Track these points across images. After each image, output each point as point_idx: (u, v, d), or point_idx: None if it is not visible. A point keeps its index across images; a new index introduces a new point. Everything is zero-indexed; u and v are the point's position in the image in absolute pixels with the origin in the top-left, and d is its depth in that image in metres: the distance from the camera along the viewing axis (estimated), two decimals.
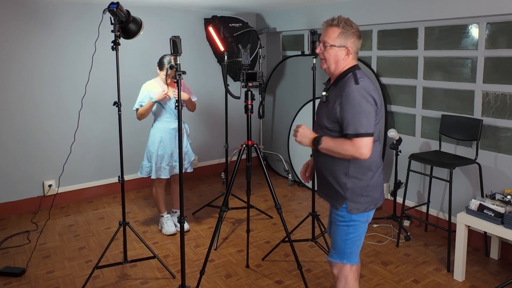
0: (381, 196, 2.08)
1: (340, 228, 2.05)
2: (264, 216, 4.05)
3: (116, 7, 2.61)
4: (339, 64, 1.99)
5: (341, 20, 1.97)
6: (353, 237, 2.04)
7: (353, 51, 1.99)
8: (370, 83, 1.94)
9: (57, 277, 3.01)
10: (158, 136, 3.47)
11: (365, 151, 1.88)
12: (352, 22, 1.98)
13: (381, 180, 2.06)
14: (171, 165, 3.51)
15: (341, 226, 2.05)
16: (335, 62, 1.99)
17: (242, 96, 2.85)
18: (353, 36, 1.96)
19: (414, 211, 3.88)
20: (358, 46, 2.01)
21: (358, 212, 2.00)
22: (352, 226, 2.02)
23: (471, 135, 3.29)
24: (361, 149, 1.87)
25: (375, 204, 2.04)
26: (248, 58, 2.93)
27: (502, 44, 3.15)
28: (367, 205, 2.01)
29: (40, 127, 4.20)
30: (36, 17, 4.06)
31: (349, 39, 1.96)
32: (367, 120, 1.87)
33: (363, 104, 1.86)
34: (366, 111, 1.87)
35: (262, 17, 5.44)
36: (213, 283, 2.93)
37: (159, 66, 3.43)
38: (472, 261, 3.19)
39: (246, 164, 2.92)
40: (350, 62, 2.00)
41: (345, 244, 2.05)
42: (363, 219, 2.03)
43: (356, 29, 1.97)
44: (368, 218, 2.06)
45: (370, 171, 1.99)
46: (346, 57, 1.97)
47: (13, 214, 4.14)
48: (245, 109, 2.81)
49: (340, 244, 2.06)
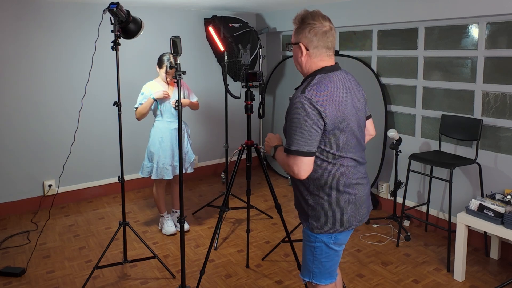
0: (352, 218, 1.78)
1: (306, 247, 1.87)
2: (264, 216, 4.05)
3: (116, 7, 2.61)
4: (300, 62, 1.78)
5: (299, 15, 1.75)
6: (321, 259, 1.83)
7: (311, 47, 1.72)
8: (326, 93, 1.65)
9: (57, 277, 3.01)
10: (159, 136, 3.47)
11: (296, 171, 1.66)
12: (314, 15, 1.72)
13: (352, 200, 1.77)
14: (173, 165, 3.51)
15: (307, 245, 1.86)
16: (297, 62, 1.80)
17: (242, 96, 2.85)
18: (305, 30, 1.71)
19: (414, 211, 3.89)
20: (317, 41, 1.71)
21: (321, 232, 1.78)
22: (318, 248, 1.81)
23: (471, 135, 3.29)
24: (292, 167, 1.66)
25: (343, 226, 1.77)
26: (248, 58, 2.94)
27: (502, 44, 3.15)
28: (332, 226, 1.77)
29: (40, 127, 4.20)
30: (36, 17, 4.06)
31: (302, 34, 1.72)
32: (302, 136, 1.62)
33: (302, 118, 1.61)
34: (302, 126, 1.61)
35: (262, 17, 5.44)
36: (213, 283, 2.93)
37: (159, 64, 3.42)
38: (472, 261, 3.19)
39: (246, 164, 2.92)
40: (315, 63, 1.75)
41: (313, 264, 1.85)
42: (329, 241, 1.80)
43: (315, 22, 1.70)
44: (337, 240, 1.81)
45: (331, 189, 1.74)
46: (303, 55, 1.74)
47: (13, 214, 4.14)
48: (245, 109, 2.81)
49: (308, 263, 1.87)
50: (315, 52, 1.73)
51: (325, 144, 1.69)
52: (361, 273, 3.03)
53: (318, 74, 1.73)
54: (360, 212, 1.81)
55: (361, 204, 1.81)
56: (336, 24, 4.53)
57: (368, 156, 4.11)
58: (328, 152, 1.71)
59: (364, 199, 1.82)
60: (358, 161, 1.80)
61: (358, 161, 1.79)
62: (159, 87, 3.42)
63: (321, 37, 1.71)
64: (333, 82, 1.70)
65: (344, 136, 1.70)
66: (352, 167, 1.76)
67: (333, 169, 1.73)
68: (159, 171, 3.47)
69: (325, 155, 1.71)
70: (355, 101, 1.77)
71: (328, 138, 1.68)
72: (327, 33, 1.72)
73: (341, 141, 1.70)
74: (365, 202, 1.84)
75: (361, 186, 1.80)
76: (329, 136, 1.68)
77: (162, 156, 3.46)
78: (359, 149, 1.80)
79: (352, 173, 1.76)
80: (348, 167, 1.75)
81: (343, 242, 1.84)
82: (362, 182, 1.81)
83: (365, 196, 1.83)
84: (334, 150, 1.71)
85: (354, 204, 1.78)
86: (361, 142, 1.82)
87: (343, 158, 1.73)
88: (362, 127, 1.83)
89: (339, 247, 1.85)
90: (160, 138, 3.47)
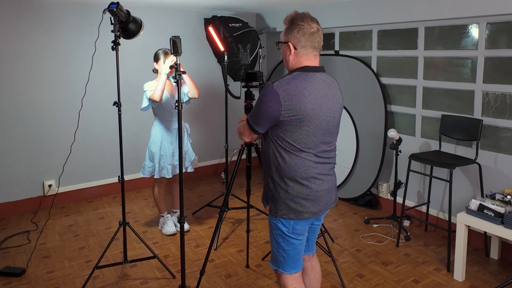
0: (305, 209, 1.89)
1: (271, 234, 2.01)
2: (264, 216, 4.05)
3: (116, 7, 2.61)
4: (287, 60, 1.90)
5: (289, 16, 1.87)
6: (284, 246, 1.95)
7: (299, 47, 1.83)
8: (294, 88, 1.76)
9: (57, 277, 3.01)
10: (159, 136, 3.47)
11: (241, 131, 1.99)
12: (303, 17, 1.84)
13: (307, 193, 1.87)
14: (173, 165, 3.51)
15: (271, 232, 2.00)
16: (284, 59, 1.92)
17: (242, 96, 2.85)
18: (294, 30, 1.83)
19: (414, 211, 3.89)
20: (304, 41, 1.82)
21: (277, 216, 1.92)
22: (280, 235, 1.95)
23: (471, 135, 3.29)
24: (240, 128, 2.00)
25: (296, 215, 1.89)
26: (248, 58, 2.94)
27: (502, 44, 3.15)
28: (285, 212, 1.90)
29: (40, 127, 4.20)
30: (36, 17, 4.06)
31: (290, 34, 1.84)
32: (254, 115, 1.86)
33: (262, 102, 1.80)
34: (259, 109, 1.82)
35: (262, 17, 5.44)
36: (213, 283, 2.93)
37: (155, 60, 3.42)
38: (472, 261, 3.19)
39: (246, 164, 2.92)
40: (300, 61, 1.86)
41: (277, 252, 1.99)
42: (288, 230, 1.92)
43: (303, 23, 1.82)
44: (295, 230, 1.92)
45: (288, 179, 1.86)
46: (291, 54, 1.86)
47: (13, 214, 4.14)
48: (245, 109, 2.81)
49: (273, 251, 2.02)
50: (302, 51, 1.85)
51: (286, 135, 1.82)
52: (361, 273, 3.03)
53: (296, 71, 1.84)
54: (315, 205, 1.91)
55: (318, 198, 1.91)
56: (336, 24, 4.55)
57: (368, 156, 4.15)
58: (289, 143, 1.83)
59: (321, 194, 1.91)
60: (321, 157, 1.89)
61: (320, 157, 1.89)
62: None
63: (309, 38, 1.83)
64: (307, 81, 1.80)
65: (306, 132, 1.81)
66: (312, 162, 1.86)
67: (293, 161, 1.84)
68: (160, 170, 3.47)
69: (287, 146, 1.83)
70: (329, 103, 1.86)
71: (288, 129, 1.80)
72: (314, 34, 1.84)
73: (302, 136, 1.81)
74: (323, 197, 1.93)
75: (320, 182, 1.90)
76: (288, 127, 1.80)
77: (163, 155, 3.47)
78: (325, 148, 1.90)
79: (311, 167, 1.86)
80: (308, 161, 1.85)
81: (302, 232, 1.96)
82: (322, 178, 1.91)
83: (324, 191, 1.92)
84: (295, 143, 1.82)
85: (309, 196, 1.88)
86: (329, 142, 1.92)
87: (303, 151, 1.84)
88: (333, 129, 1.92)
89: (299, 236, 1.95)
90: (160, 137, 3.47)
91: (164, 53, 3.37)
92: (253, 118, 1.87)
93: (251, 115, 1.89)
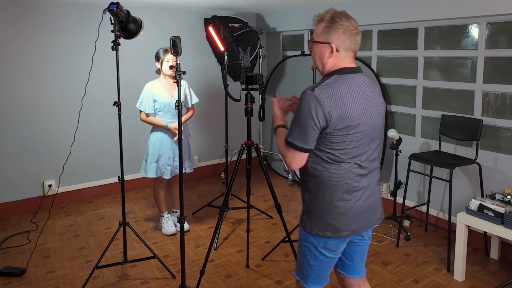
0: (344, 226, 1.70)
1: (299, 245, 1.84)
2: (264, 216, 4.05)
3: (116, 7, 2.61)
4: (324, 62, 1.71)
5: (329, 13, 1.69)
6: (310, 260, 1.79)
7: (341, 49, 1.68)
8: (336, 94, 1.61)
9: (57, 277, 3.01)
10: (159, 136, 3.48)
11: (288, 161, 1.69)
12: (344, 16, 1.68)
13: (347, 207, 1.69)
14: (172, 166, 3.51)
15: (300, 243, 1.83)
16: (320, 61, 1.73)
17: (242, 98, 2.85)
18: (338, 31, 1.66)
19: (414, 211, 3.88)
20: (349, 43, 1.68)
21: (311, 232, 1.74)
22: (308, 248, 1.77)
23: (471, 135, 3.29)
24: (285, 157, 1.70)
25: (333, 232, 1.70)
26: (248, 61, 2.94)
27: (502, 44, 3.15)
28: (321, 229, 1.72)
29: (40, 127, 4.20)
30: (36, 17, 4.06)
31: (333, 34, 1.66)
32: (300, 132, 1.63)
33: (303, 115, 1.61)
34: (302, 122, 1.62)
35: (262, 17, 5.44)
36: (213, 283, 2.93)
37: (157, 59, 3.45)
38: (472, 261, 3.19)
39: (246, 167, 2.92)
40: (338, 62, 1.70)
41: (302, 263, 1.83)
42: (318, 243, 1.74)
43: (348, 24, 1.67)
44: (327, 245, 1.74)
45: (327, 191, 1.69)
46: (331, 56, 1.69)
47: (13, 214, 4.14)
48: (245, 111, 2.81)
49: (299, 262, 1.86)
50: (344, 54, 1.69)
51: (330, 145, 1.65)
52: None
53: (335, 74, 1.68)
54: (354, 222, 1.72)
55: (359, 214, 1.72)
56: None
57: None
58: (332, 154, 1.66)
59: (363, 209, 1.73)
60: (365, 168, 1.72)
61: (364, 168, 1.72)
62: (160, 88, 3.45)
63: (354, 39, 1.69)
64: (347, 84, 1.65)
65: (351, 140, 1.65)
66: (354, 174, 1.69)
67: (334, 171, 1.67)
68: (158, 170, 3.49)
69: (329, 156, 1.67)
70: (371, 106, 1.70)
71: (332, 139, 1.64)
72: (357, 35, 1.70)
73: (347, 145, 1.65)
74: (366, 213, 1.74)
75: (363, 196, 1.72)
76: (333, 138, 1.63)
77: (162, 156, 3.47)
78: (369, 157, 1.73)
79: (353, 180, 1.69)
80: (350, 173, 1.68)
81: (334, 249, 1.76)
82: (365, 192, 1.73)
83: (366, 207, 1.73)
84: (339, 152, 1.66)
85: (349, 212, 1.70)
86: (373, 150, 1.75)
87: (346, 162, 1.67)
88: (377, 135, 1.75)
89: (330, 253, 1.77)
90: (160, 138, 3.47)
91: (164, 51, 3.41)
92: (297, 136, 1.64)
93: (294, 134, 1.65)
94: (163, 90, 3.45)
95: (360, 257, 1.91)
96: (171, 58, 3.40)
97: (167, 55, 3.39)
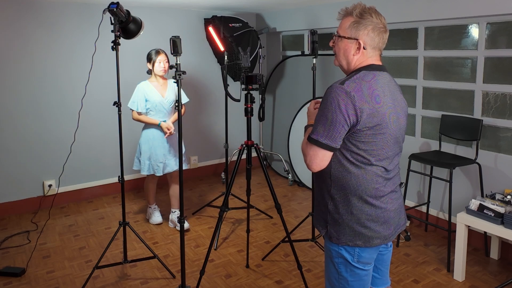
0: (375, 234, 1.60)
1: (329, 262, 1.67)
2: (264, 216, 4.05)
3: (116, 7, 2.61)
4: (350, 60, 1.62)
5: (358, 7, 1.59)
6: (347, 277, 1.63)
7: (369, 46, 1.59)
8: (368, 89, 1.51)
9: (57, 277, 3.01)
10: (151, 134, 3.56)
11: (308, 160, 1.56)
12: (374, 12, 1.59)
13: (377, 214, 1.59)
14: (164, 163, 3.58)
15: (329, 260, 1.67)
16: (345, 58, 1.63)
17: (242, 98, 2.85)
18: (368, 27, 1.56)
19: (414, 211, 3.88)
20: (377, 41, 1.59)
21: (340, 243, 1.60)
22: (342, 264, 1.62)
23: (471, 135, 3.29)
24: (306, 155, 1.57)
25: (364, 241, 1.59)
26: (248, 61, 2.94)
27: (502, 44, 3.15)
28: (350, 238, 1.59)
29: (40, 127, 4.20)
30: (37, 17, 4.06)
31: (362, 31, 1.57)
32: (325, 128, 1.50)
33: (332, 109, 1.48)
34: (329, 117, 1.49)
35: (262, 17, 5.44)
36: (213, 283, 2.93)
37: (148, 60, 3.52)
38: (472, 261, 3.19)
39: (246, 167, 2.92)
40: (365, 59, 1.61)
41: (338, 283, 1.65)
42: (352, 259, 1.61)
43: (378, 20, 1.57)
44: (361, 258, 1.61)
45: (355, 197, 1.57)
46: (357, 53, 1.59)
47: (13, 214, 4.14)
48: (245, 111, 2.81)
49: (334, 282, 1.67)
50: (370, 52, 1.61)
51: (358, 146, 1.53)
52: None
53: (363, 70, 1.58)
54: (386, 229, 1.62)
55: (388, 219, 1.63)
56: (336, 25, 4.53)
57: None
58: (359, 155, 1.55)
59: (392, 214, 1.64)
60: (390, 171, 1.63)
61: (390, 171, 1.63)
62: (152, 88, 3.52)
63: (382, 38, 1.61)
64: (377, 81, 1.56)
65: (380, 141, 1.55)
66: (381, 177, 1.59)
67: (361, 175, 1.56)
68: (151, 167, 3.58)
69: (356, 158, 1.55)
70: (397, 106, 1.62)
71: (361, 139, 1.52)
72: (385, 33, 1.62)
73: (376, 146, 1.55)
74: (394, 218, 1.65)
75: (390, 200, 1.63)
76: (362, 137, 1.52)
77: (154, 153, 3.55)
78: (393, 160, 1.65)
79: (381, 184, 1.59)
80: (378, 176, 1.58)
81: (368, 261, 1.64)
82: (391, 196, 1.64)
83: (393, 212, 1.65)
84: (367, 154, 1.54)
85: (379, 218, 1.60)
86: (398, 153, 1.67)
87: (374, 165, 1.57)
88: (401, 137, 1.67)
89: (365, 266, 1.64)
90: (152, 136, 3.55)
91: (156, 52, 3.47)
92: (322, 132, 1.51)
93: (318, 131, 1.52)
94: (154, 90, 3.52)
95: (385, 266, 1.82)
96: (163, 59, 3.48)
97: (158, 56, 3.46)
